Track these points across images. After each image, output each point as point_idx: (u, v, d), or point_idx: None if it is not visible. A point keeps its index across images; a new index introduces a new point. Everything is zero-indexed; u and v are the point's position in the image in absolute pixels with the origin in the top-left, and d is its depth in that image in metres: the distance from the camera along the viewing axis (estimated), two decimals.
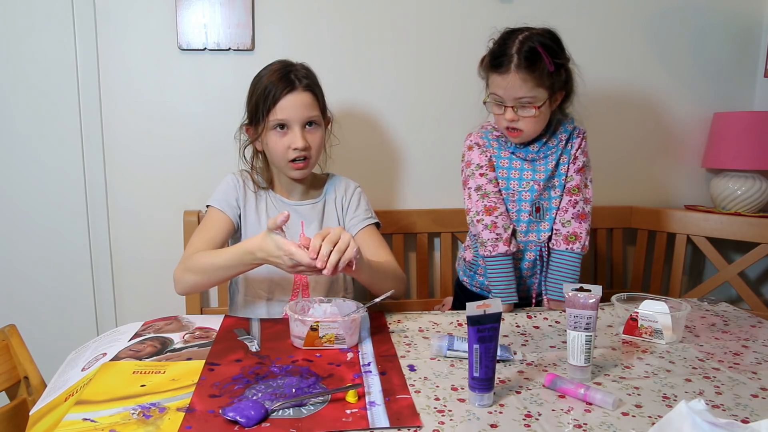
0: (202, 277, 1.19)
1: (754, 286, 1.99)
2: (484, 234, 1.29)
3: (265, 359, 0.98)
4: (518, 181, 1.32)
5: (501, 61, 1.22)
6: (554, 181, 1.33)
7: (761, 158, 1.75)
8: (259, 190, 1.35)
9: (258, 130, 1.28)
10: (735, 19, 1.91)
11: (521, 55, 1.20)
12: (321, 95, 1.31)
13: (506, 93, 1.23)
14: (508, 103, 1.24)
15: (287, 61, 1.30)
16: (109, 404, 0.82)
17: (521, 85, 1.21)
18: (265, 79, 1.26)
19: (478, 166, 1.33)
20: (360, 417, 0.79)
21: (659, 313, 1.08)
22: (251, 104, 1.29)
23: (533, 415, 0.81)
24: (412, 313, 1.25)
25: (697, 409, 0.68)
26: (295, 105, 1.24)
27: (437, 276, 1.86)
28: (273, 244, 1.04)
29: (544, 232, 1.33)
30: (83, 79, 1.64)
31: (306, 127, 1.27)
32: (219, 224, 1.29)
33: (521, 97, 1.23)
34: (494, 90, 1.26)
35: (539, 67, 1.21)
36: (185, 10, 1.64)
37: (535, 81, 1.21)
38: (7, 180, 1.66)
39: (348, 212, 1.38)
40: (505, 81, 1.22)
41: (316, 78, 1.31)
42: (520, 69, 1.20)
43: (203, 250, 1.22)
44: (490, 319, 0.82)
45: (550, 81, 1.23)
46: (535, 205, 1.32)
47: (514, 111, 1.24)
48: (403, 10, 1.74)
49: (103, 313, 1.75)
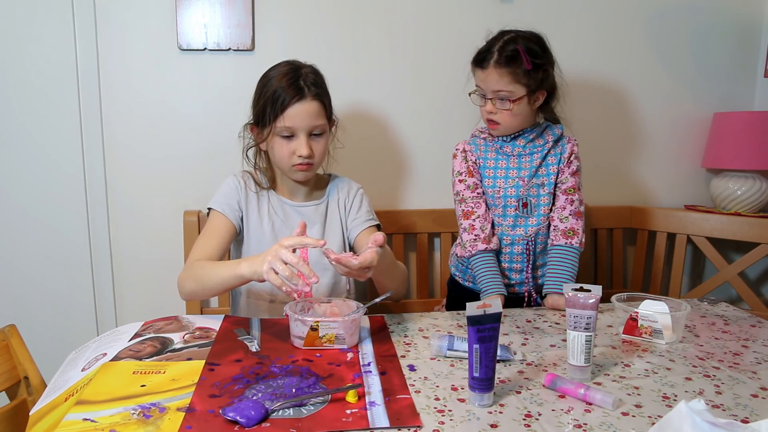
0: (201, 287, 1.18)
1: (754, 286, 1.99)
2: (464, 236, 1.40)
3: (265, 359, 0.98)
4: (504, 178, 1.40)
5: (483, 56, 1.34)
6: (542, 179, 1.39)
7: (761, 158, 1.75)
8: (261, 190, 1.35)
9: (264, 133, 1.28)
10: (735, 19, 1.91)
11: (501, 53, 1.31)
12: (328, 102, 1.30)
13: (485, 85, 1.34)
14: (488, 95, 1.35)
15: (296, 64, 1.29)
16: (109, 404, 0.82)
17: (498, 79, 1.31)
18: (275, 83, 1.25)
19: (458, 173, 1.43)
20: (360, 417, 0.79)
21: (659, 313, 1.08)
22: (258, 106, 1.28)
23: (533, 415, 0.81)
24: (413, 314, 1.25)
25: (697, 409, 0.68)
26: (302, 114, 1.24)
27: (437, 276, 1.86)
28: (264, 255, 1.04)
29: (532, 226, 1.39)
30: (83, 79, 1.64)
31: (312, 135, 1.27)
32: (221, 229, 1.29)
33: (498, 90, 1.32)
34: (477, 83, 1.38)
35: (516, 64, 1.30)
36: (185, 10, 1.64)
37: (512, 77, 1.31)
38: (8, 180, 1.66)
39: (350, 214, 1.39)
40: (485, 74, 1.33)
41: (324, 83, 1.30)
42: (498, 65, 1.31)
43: (206, 257, 1.22)
44: (490, 319, 0.82)
45: (527, 79, 1.31)
46: (522, 200, 1.39)
47: (492, 103, 1.34)
48: (403, 10, 1.74)
49: (103, 313, 1.75)
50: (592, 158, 1.87)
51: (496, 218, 1.41)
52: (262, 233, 1.31)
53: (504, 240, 1.40)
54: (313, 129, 1.26)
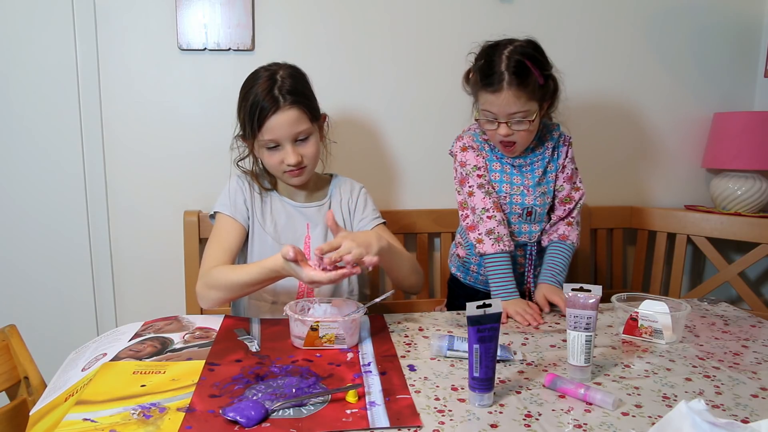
0: (225, 293, 1.18)
1: (754, 286, 1.99)
2: (500, 229, 1.30)
3: (265, 359, 0.98)
4: (509, 184, 1.35)
5: (492, 79, 1.22)
6: (543, 188, 1.36)
7: (761, 158, 1.75)
8: (264, 191, 1.35)
9: (252, 144, 1.28)
10: (735, 19, 1.91)
11: (510, 71, 1.20)
12: (309, 103, 1.26)
13: (500, 110, 1.24)
14: (502, 119, 1.25)
15: (272, 69, 1.26)
16: (109, 404, 0.82)
17: (515, 101, 1.22)
18: (251, 95, 1.23)
19: (476, 167, 1.35)
20: (360, 417, 0.79)
21: (659, 313, 1.08)
22: (240, 118, 1.28)
23: (533, 415, 0.81)
24: (413, 314, 1.25)
25: (697, 409, 0.68)
26: (282, 125, 1.22)
27: (437, 276, 1.86)
28: (292, 271, 1.07)
29: (535, 232, 1.38)
30: (83, 79, 1.64)
31: (297, 141, 1.25)
32: (232, 232, 1.28)
33: (515, 113, 1.23)
34: (487, 108, 1.26)
35: (530, 81, 1.21)
36: (185, 10, 1.64)
37: (528, 95, 1.22)
38: (8, 180, 1.66)
39: (355, 214, 1.38)
40: (499, 99, 1.22)
41: (303, 83, 1.27)
42: (512, 86, 1.21)
43: (221, 263, 1.21)
44: (490, 319, 0.82)
45: (541, 93, 1.24)
46: (527, 209, 1.35)
47: (508, 126, 1.25)
48: (403, 10, 1.74)
49: (103, 313, 1.75)
50: (592, 158, 1.87)
51: None
52: (265, 234, 1.31)
53: None
54: (297, 136, 1.24)
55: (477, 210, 1.33)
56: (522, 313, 1.21)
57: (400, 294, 1.80)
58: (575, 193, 1.39)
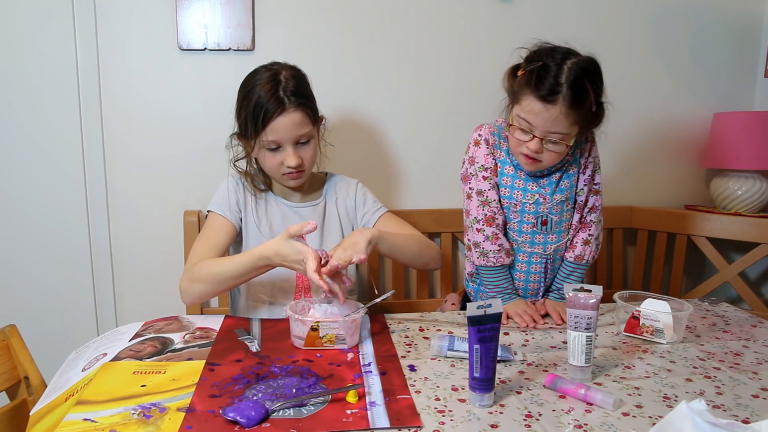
0: (211, 287, 1.17)
1: (754, 286, 1.99)
2: (486, 245, 1.25)
3: (266, 359, 0.98)
4: (522, 191, 1.24)
5: (546, 87, 1.09)
6: (565, 194, 1.26)
7: (761, 158, 1.75)
8: (258, 192, 1.34)
9: (250, 144, 1.26)
10: (735, 19, 1.91)
11: (569, 87, 1.08)
12: (312, 106, 1.26)
13: (542, 123, 1.11)
14: (538, 134, 1.13)
15: (274, 69, 1.24)
16: (109, 404, 0.82)
17: (562, 120, 1.10)
18: (254, 94, 1.21)
19: (483, 167, 1.25)
20: (360, 417, 0.79)
21: (661, 312, 1.08)
22: (241, 118, 1.26)
23: (534, 416, 0.81)
24: (413, 314, 1.25)
25: (697, 410, 0.68)
26: (286, 126, 1.21)
27: (438, 276, 1.86)
28: (292, 249, 1.07)
29: (551, 244, 1.28)
30: (83, 79, 1.64)
31: (298, 143, 1.25)
32: (221, 230, 1.27)
33: (555, 132, 1.12)
34: (526, 116, 1.12)
35: (585, 103, 1.10)
36: (185, 10, 1.64)
37: (575, 118, 1.11)
38: (8, 180, 1.65)
39: (357, 210, 1.38)
40: (548, 112, 1.09)
41: (305, 85, 1.26)
42: (566, 102, 1.08)
43: (207, 258, 1.20)
44: (490, 319, 0.82)
45: (589, 119, 1.14)
46: (541, 218, 1.25)
47: (541, 143, 1.13)
48: (403, 10, 1.74)
49: (103, 313, 1.75)
50: None
51: (510, 233, 1.28)
52: (260, 235, 1.31)
53: (519, 257, 1.28)
54: (299, 138, 1.24)
55: (470, 215, 1.27)
56: (521, 314, 1.21)
57: (401, 294, 1.80)
58: (594, 198, 1.29)
